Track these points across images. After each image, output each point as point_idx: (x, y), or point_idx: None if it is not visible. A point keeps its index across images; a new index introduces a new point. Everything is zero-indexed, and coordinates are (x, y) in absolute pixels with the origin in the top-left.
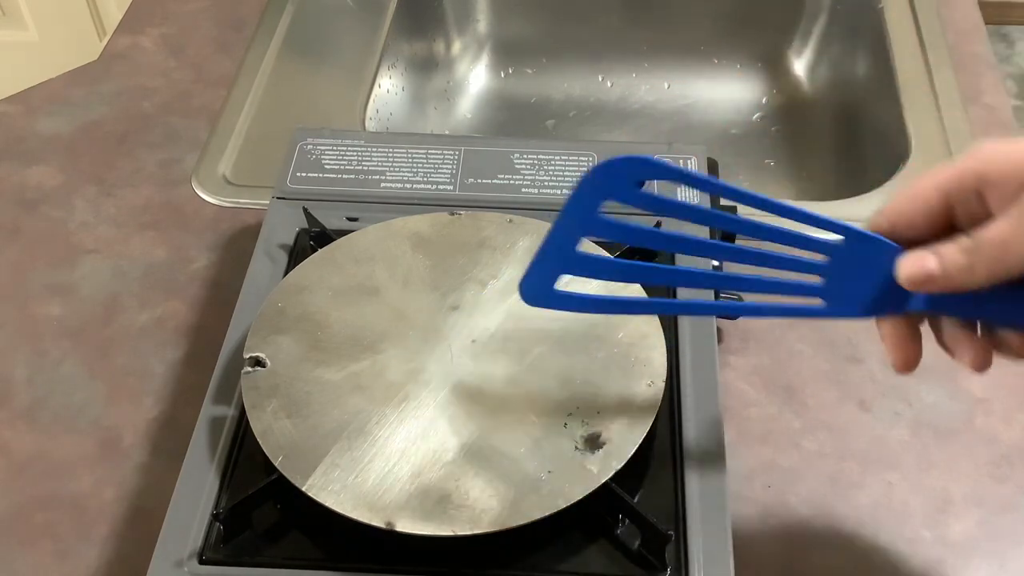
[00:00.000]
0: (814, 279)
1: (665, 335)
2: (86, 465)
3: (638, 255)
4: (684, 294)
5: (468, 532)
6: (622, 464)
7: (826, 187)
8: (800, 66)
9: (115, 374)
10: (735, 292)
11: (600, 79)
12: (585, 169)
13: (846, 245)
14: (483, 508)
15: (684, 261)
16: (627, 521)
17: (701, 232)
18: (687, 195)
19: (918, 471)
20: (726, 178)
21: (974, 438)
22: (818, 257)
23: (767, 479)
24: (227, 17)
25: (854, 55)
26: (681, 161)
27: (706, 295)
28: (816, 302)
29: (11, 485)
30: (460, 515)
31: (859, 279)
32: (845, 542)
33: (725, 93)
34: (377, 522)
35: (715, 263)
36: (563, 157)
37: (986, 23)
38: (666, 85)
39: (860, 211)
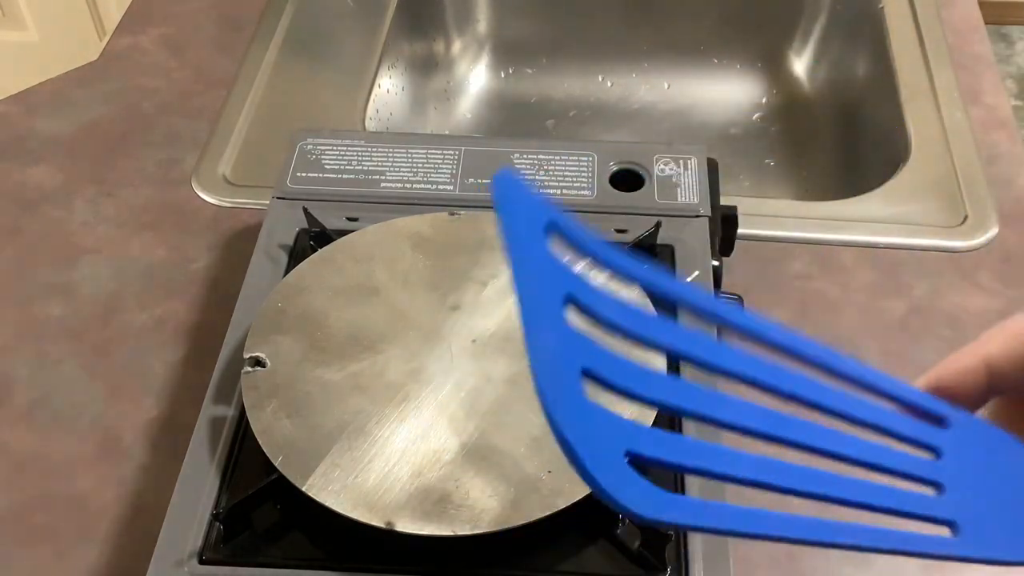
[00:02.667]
0: (922, 486)
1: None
2: (86, 465)
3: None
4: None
5: (468, 532)
6: None
7: (826, 187)
8: (800, 66)
9: (115, 374)
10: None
11: (600, 79)
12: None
13: (956, 433)
14: (483, 508)
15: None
16: (627, 521)
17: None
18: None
19: None
20: (726, 178)
21: None
22: (919, 452)
23: None
24: (227, 17)
25: (854, 55)
26: (681, 162)
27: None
28: (940, 531)
29: (11, 485)
30: (460, 515)
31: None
32: None
33: (725, 93)
34: (377, 522)
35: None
36: (563, 157)
37: (986, 23)
38: (666, 85)
39: (860, 211)
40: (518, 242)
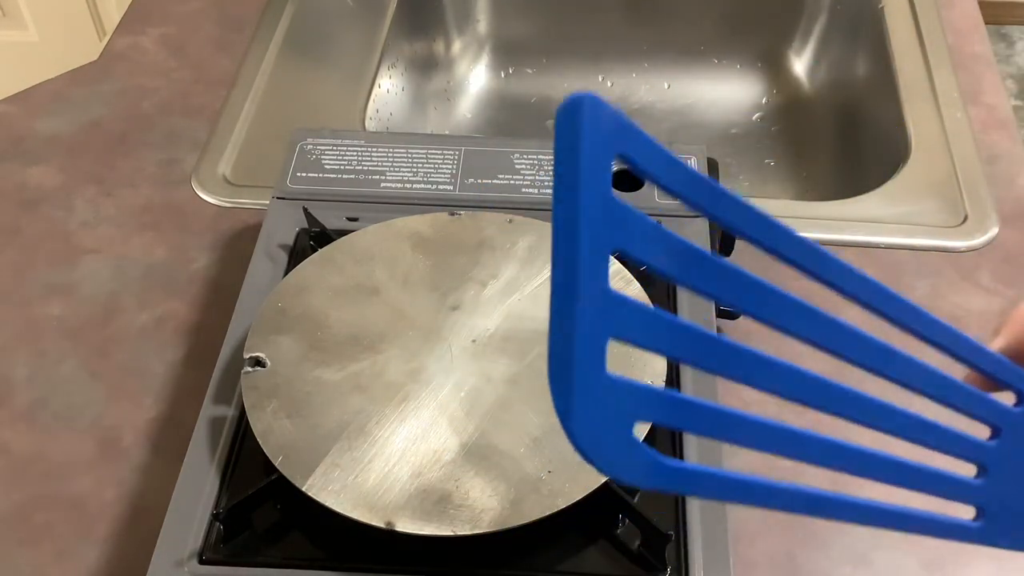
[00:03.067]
0: (965, 468)
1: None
2: (86, 465)
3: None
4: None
5: (468, 532)
6: None
7: (826, 187)
8: (800, 66)
9: (115, 374)
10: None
11: (600, 79)
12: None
13: None
14: (483, 508)
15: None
16: (627, 521)
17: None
18: None
19: None
20: (726, 178)
21: None
22: (979, 431)
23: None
24: (227, 17)
25: (854, 55)
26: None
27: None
28: (966, 514)
29: (11, 485)
30: (460, 515)
31: None
32: (845, 542)
33: (725, 93)
34: (377, 522)
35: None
36: None
37: (986, 23)
38: (666, 85)
39: (860, 211)
40: (584, 181)
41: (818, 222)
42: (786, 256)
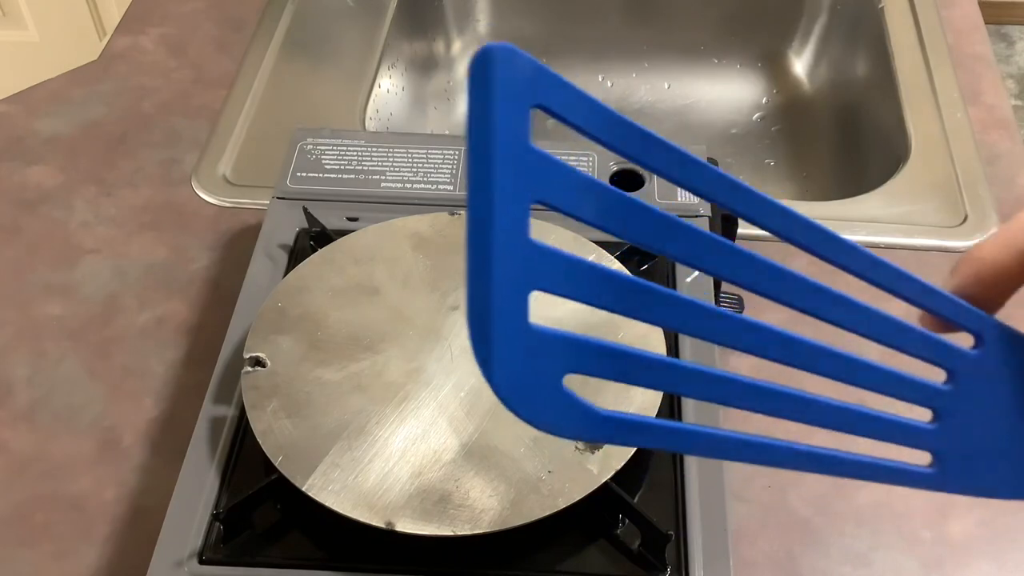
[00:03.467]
0: (921, 413)
1: (665, 335)
2: (86, 465)
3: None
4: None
5: (468, 532)
6: (622, 464)
7: (826, 187)
8: (800, 66)
9: (115, 374)
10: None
11: (600, 79)
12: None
13: (985, 354)
14: (483, 508)
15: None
16: (627, 521)
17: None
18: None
19: None
20: None
21: None
22: (933, 374)
23: (767, 479)
24: (227, 17)
25: (854, 55)
26: None
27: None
28: (920, 459)
29: (11, 485)
30: (460, 515)
31: (999, 429)
32: (845, 542)
33: (725, 93)
34: (377, 522)
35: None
36: (564, 157)
37: (986, 23)
38: (666, 85)
39: (860, 211)
40: (501, 128)
41: (818, 222)
42: (717, 198)
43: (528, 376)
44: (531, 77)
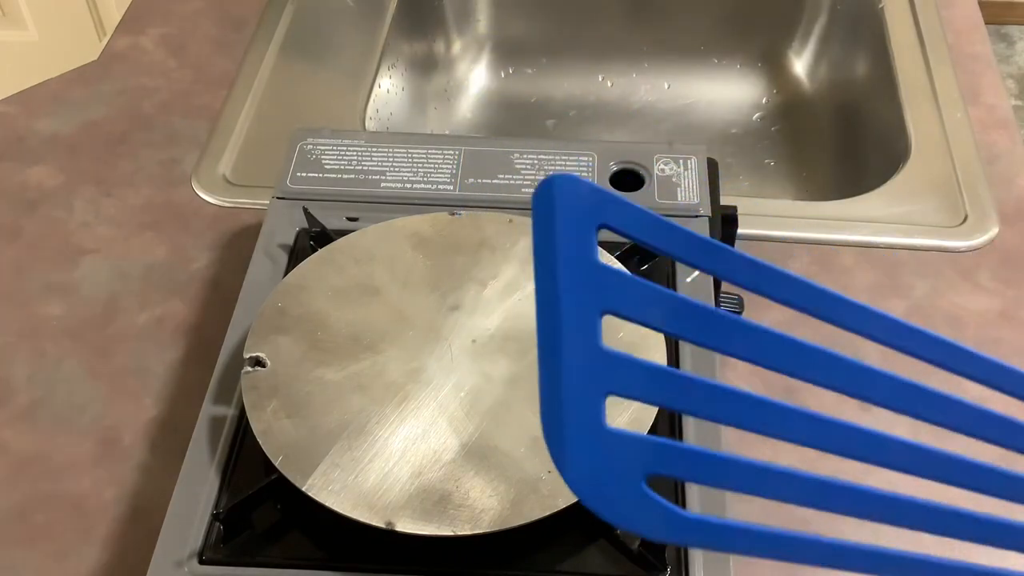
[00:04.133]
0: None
1: (665, 339)
2: (86, 465)
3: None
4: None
5: (468, 532)
6: None
7: (826, 187)
8: (800, 66)
9: (115, 374)
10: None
11: (600, 79)
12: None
13: None
14: (483, 508)
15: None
16: None
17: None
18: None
19: None
20: (726, 178)
21: None
22: None
23: None
24: (227, 17)
25: (854, 55)
26: (681, 162)
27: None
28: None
29: (11, 485)
30: (460, 515)
31: None
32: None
33: (725, 93)
34: (377, 522)
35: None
36: (563, 157)
37: (986, 23)
38: (666, 85)
39: (860, 211)
40: (564, 247)
41: (818, 222)
42: (797, 303)
43: (605, 476)
44: (593, 201)
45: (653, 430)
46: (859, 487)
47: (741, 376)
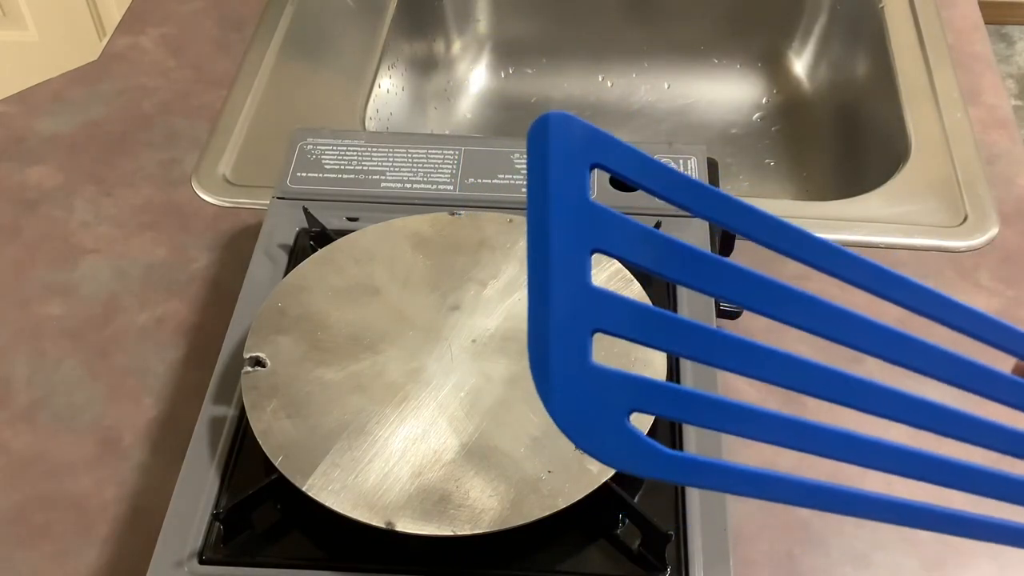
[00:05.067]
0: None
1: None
2: (86, 465)
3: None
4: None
5: (468, 532)
6: None
7: (826, 187)
8: (800, 66)
9: (115, 374)
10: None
11: (600, 79)
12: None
13: None
14: (483, 508)
15: None
16: (627, 521)
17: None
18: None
19: None
20: (726, 178)
21: None
22: None
23: None
24: (227, 17)
25: (854, 55)
26: (681, 162)
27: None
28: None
29: (11, 485)
30: (460, 515)
31: None
32: (845, 542)
33: (725, 93)
34: (377, 522)
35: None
36: None
37: (986, 23)
38: (666, 85)
39: (860, 211)
40: (556, 184)
41: (818, 222)
42: (785, 250)
43: (589, 410)
44: (587, 140)
45: (652, 432)
46: (845, 431)
47: (741, 376)
